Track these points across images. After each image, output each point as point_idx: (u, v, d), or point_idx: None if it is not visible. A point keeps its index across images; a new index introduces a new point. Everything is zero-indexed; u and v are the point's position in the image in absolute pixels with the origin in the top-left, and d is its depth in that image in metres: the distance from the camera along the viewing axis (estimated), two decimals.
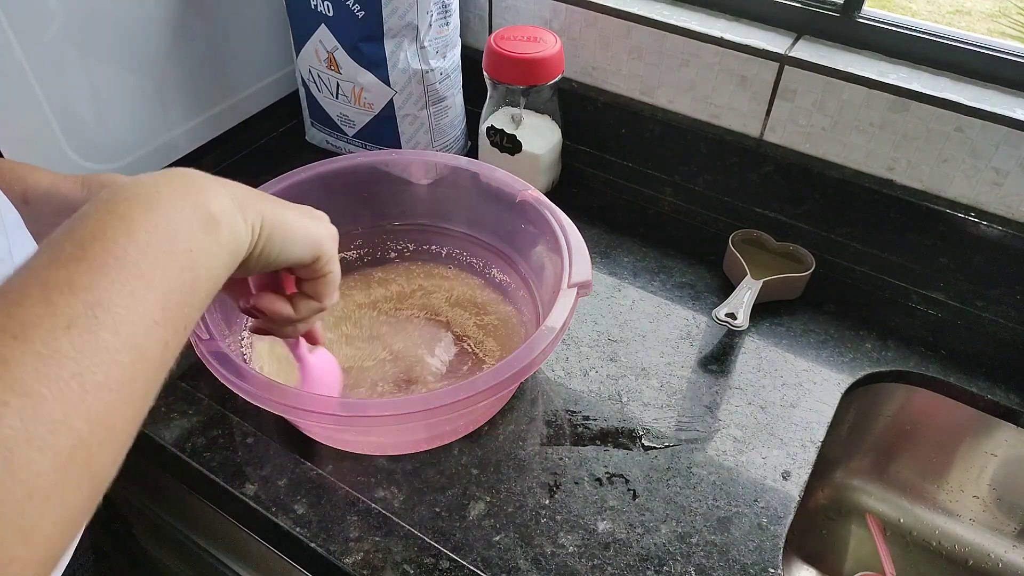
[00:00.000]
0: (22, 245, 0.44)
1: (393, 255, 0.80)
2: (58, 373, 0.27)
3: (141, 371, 0.31)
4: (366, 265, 0.79)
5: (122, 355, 0.29)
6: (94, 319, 0.29)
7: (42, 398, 0.26)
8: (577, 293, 0.59)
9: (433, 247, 0.80)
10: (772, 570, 0.56)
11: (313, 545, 0.57)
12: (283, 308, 0.47)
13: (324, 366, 0.58)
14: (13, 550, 0.24)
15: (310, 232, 0.43)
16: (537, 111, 0.88)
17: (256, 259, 0.41)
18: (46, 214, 0.55)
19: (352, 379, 0.68)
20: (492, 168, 0.72)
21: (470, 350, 0.71)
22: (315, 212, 0.46)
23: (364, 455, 0.63)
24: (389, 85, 0.84)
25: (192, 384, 0.68)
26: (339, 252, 0.78)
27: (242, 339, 0.68)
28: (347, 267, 0.78)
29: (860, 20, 0.78)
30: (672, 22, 0.83)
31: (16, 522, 0.25)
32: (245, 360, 0.66)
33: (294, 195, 0.69)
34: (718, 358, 0.72)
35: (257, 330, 0.50)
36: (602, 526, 0.59)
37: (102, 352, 0.29)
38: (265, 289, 0.47)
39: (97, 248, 0.31)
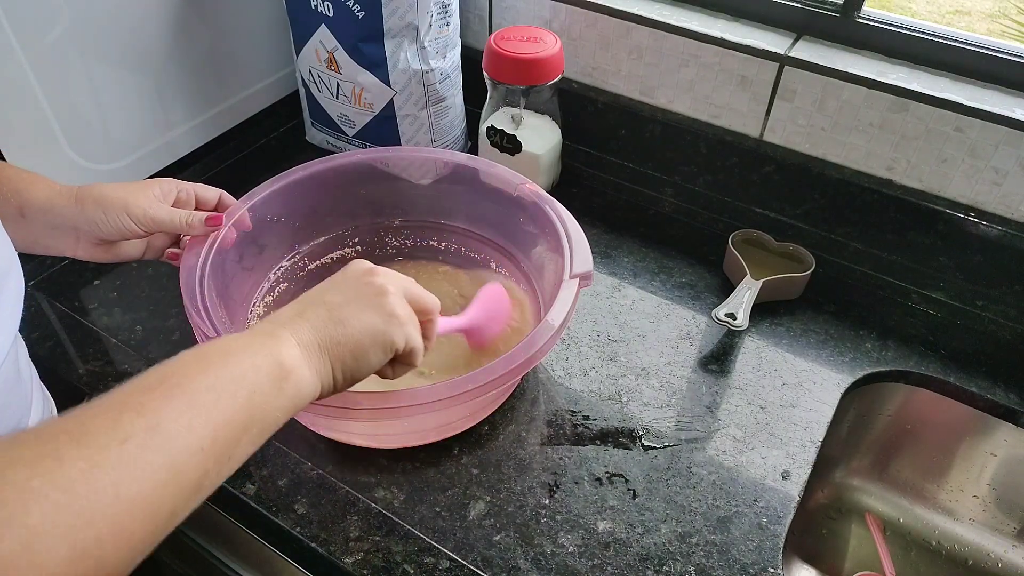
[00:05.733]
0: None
1: (392, 251, 0.80)
2: (100, 478, 0.30)
3: (173, 491, 0.33)
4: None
5: (160, 474, 0.32)
6: (147, 438, 0.32)
7: (78, 497, 0.29)
8: (579, 284, 0.59)
9: (432, 243, 0.80)
10: (772, 570, 0.56)
11: (313, 545, 0.57)
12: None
13: (488, 311, 0.61)
14: None
15: (377, 338, 0.45)
16: (537, 111, 0.88)
17: (343, 385, 0.45)
18: (41, 228, 0.56)
19: None
20: (491, 164, 0.72)
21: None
22: (375, 293, 0.47)
23: (364, 455, 0.63)
24: (389, 85, 0.85)
25: None
26: (336, 250, 0.79)
27: None
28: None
29: (860, 20, 0.78)
30: (672, 22, 0.83)
31: None
32: None
33: (293, 194, 0.70)
34: (718, 358, 0.72)
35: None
36: (602, 526, 0.59)
37: (143, 468, 0.32)
38: None
39: (172, 381, 0.36)
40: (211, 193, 0.64)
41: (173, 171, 0.89)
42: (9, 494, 0.28)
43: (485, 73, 0.84)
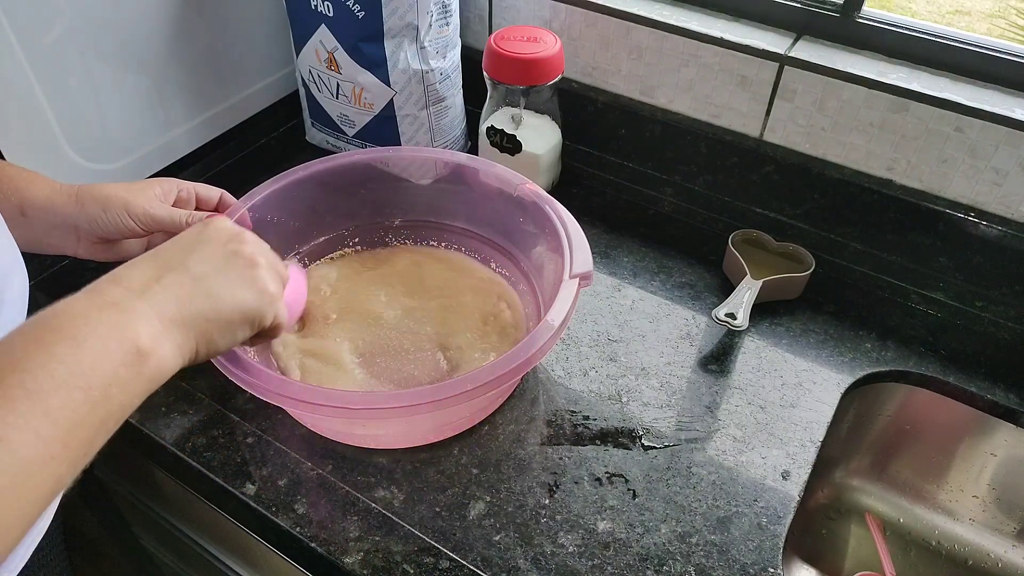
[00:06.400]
0: None
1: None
2: None
3: (21, 509, 0.30)
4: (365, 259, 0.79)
5: (7, 494, 0.29)
6: None
7: None
8: (579, 284, 0.60)
9: (432, 243, 0.80)
10: (772, 570, 0.56)
11: (313, 545, 0.57)
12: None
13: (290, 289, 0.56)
14: None
15: (248, 316, 0.44)
16: (537, 111, 0.88)
17: (203, 358, 0.42)
18: (42, 227, 0.56)
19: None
20: (491, 164, 0.72)
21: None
22: (245, 264, 0.45)
23: (364, 455, 0.63)
24: (389, 85, 0.85)
25: (192, 383, 0.68)
26: (337, 249, 0.79)
27: None
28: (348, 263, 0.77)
29: (860, 20, 0.78)
30: (672, 22, 0.83)
31: None
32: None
33: (293, 194, 0.70)
34: (718, 358, 0.72)
35: None
36: (602, 526, 0.59)
37: None
38: None
39: (13, 380, 0.31)
40: (212, 193, 0.64)
41: (173, 171, 0.89)
42: None
43: (485, 73, 0.84)
